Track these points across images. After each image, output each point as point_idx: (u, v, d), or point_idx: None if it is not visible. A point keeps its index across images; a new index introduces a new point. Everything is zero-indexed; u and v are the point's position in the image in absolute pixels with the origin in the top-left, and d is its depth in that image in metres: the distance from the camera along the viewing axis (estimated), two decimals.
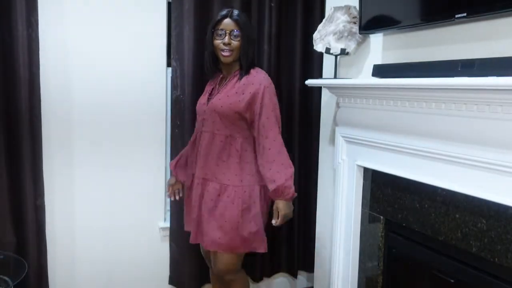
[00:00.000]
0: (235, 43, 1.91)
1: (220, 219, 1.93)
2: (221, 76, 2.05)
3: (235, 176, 1.94)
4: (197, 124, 2.11)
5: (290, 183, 1.88)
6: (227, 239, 1.93)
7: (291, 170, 1.90)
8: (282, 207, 1.89)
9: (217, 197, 1.95)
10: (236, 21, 1.91)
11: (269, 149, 1.88)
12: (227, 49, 1.91)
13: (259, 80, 1.93)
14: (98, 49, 2.34)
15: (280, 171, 1.86)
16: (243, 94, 1.91)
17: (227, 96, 1.93)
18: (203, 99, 2.07)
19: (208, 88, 2.11)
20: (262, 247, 2.00)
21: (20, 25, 2.08)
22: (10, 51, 2.10)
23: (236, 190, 1.93)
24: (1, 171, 2.14)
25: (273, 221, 1.93)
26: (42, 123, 2.22)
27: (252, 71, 1.97)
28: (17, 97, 2.13)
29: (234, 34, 1.91)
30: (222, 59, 1.95)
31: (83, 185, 2.39)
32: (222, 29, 1.92)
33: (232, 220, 1.92)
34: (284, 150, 1.92)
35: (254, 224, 1.95)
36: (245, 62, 1.94)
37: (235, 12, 1.94)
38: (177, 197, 2.25)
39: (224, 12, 1.95)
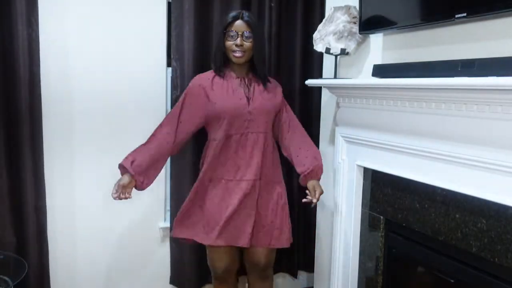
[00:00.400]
0: (247, 44, 1.95)
1: (276, 216, 2.05)
2: (240, 77, 2.02)
3: (275, 172, 2.09)
4: (230, 125, 1.97)
5: (322, 163, 2.06)
6: (286, 232, 2.07)
7: (318, 151, 2.10)
8: (318, 185, 2.02)
9: (270, 195, 2.05)
10: (247, 23, 1.94)
11: (293, 139, 2.09)
12: (239, 50, 1.94)
13: (278, 83, 2.16)
14: (98, 49, 2.34)
15: (308, 156, 2.04)
16: (275, 96, 2.08)
17: (269, 98, 2.04)
18: (234, 98, 1.96)
19: (220, 88, 1.99)
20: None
21: (20, 24, 2.08)
22: (10, 51, 2.10)
23: (281, 186, 2.09)
24: (1, 171, 2.14)
25: (314, 200, 1.98)
26: (43, 123, 2.22)
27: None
28: (17, 97, 2.13)
29: (246, 35, 1.94)
30: (234, 60, 1.97)
31: (84, 185, 2.39)
32: (234, 31, 1.94)
33: (284, 215, 2.07)
34: (307, 136, 2.13)
35: (289, 216, 2.11)
36: (260, 62, 2.01)
37: (246, 13, 1.97)
38: (123, 198, 1.94)
39: (234, 14, 1.97)
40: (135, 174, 1.93)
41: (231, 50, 1.95)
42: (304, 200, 1.98)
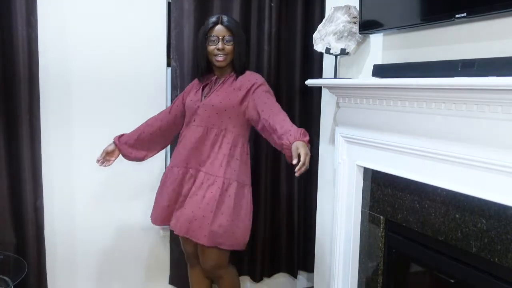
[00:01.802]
0: (228, 47, 2.01)
1: (198, 209, 1.94)
2: (215, 77, 2.11)
3: (219, 168, 1.98)
4: (186, 119, 2.13)
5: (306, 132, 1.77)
6: (207, 230, 1.93)
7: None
8: (302, 146, 1.64)
9: (200, 187, 1.98)
10: (227, 27, 2.01)
11: (271, 109, 1.89)
12: (221, 54, 2.01)
13: (255, 77, 2.08)
14: (97, 49, 2.34)
15: (290, 126, 1.76)
16: (240, 90, 2.02)
17: (226, 92, 2.02)
18: (195, 96, 2.09)
19: (197, 87, 2.14)
20: (228, 245, 1.97)
21: (20, 24, 2.08)
22: (10, 51, 2.10)
23: (217, 181, 1.97)
24: (0, 172, 2.14)
25: (295, 161, 1.60)
26: (42, 123, 2.22)
27: (247, 72, 2.10)
28: (17, 97, 2.13)
29: (227, 39, 2.01)
30: (217, 64, 2.04)
31: (83, 186, 2.39)
32: (214, 36, 2.00)
33: (207, 209, 1.93)
34: (283, 112, 1.90)
35: (224, 218, 1.94)
36: (238, 64, 2.06)
37: (225, 18, 2.03)
38: (103, 165, 2.16)
39: (214, 19, 2.03)
40: (121, 147, 2.15)
41: (213, 55, 2.02)
42: (296, 171, 1.61)
